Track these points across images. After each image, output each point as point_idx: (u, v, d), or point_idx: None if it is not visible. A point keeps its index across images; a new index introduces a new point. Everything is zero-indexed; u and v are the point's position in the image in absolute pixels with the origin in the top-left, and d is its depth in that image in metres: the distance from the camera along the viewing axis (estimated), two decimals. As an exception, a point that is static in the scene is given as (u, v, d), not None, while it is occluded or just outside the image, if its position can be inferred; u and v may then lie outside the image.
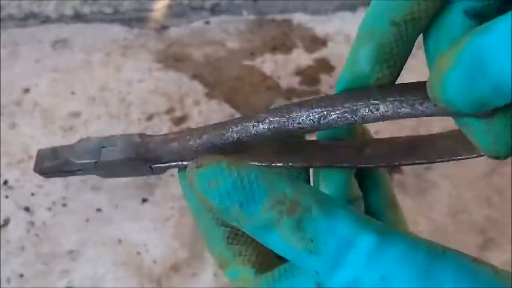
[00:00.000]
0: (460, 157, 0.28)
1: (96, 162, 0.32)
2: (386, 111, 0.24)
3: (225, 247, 0.28)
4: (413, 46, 0.26)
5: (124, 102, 0.69)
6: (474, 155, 0.27)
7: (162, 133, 0.28)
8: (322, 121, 0.24)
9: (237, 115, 0.68)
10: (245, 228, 0.23)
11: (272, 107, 0.27)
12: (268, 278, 0.26)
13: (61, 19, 0.78)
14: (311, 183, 0.31)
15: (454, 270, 0.20)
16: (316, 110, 0.24)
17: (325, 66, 0.73)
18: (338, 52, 0.74)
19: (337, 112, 0.24)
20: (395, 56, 0.26)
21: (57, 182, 0.61)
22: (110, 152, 0.32)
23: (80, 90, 0.70)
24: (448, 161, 0.29)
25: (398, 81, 0.27)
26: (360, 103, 0.24)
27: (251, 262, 0.28)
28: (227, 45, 0.76)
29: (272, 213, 0.22)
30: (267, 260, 0.28)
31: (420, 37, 0.27)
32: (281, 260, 0.26)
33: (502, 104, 0.20)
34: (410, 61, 0.27)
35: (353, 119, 0.24)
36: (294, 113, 0.25)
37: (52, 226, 0.58)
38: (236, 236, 0.29)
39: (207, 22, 0.79)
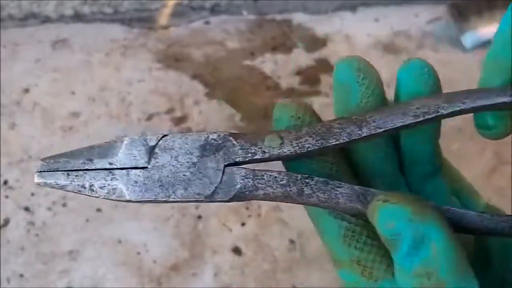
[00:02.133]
0: None
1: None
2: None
3: (341, 247, 0.26)
4: None
5: (124, 102, 0.69)
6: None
7: (161, 133, 0.26)
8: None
9: (237, 115, 0.68)
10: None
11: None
12: None
13: (61, 19, 0.78)
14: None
15: None
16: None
17: (325, 65, 0.73)
18: (338, 52, 0.74)
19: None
20: None
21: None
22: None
23: (80, 90, 0.70)
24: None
25: None
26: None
27: (373, 276, 0.25)
28: (227, 45, 0.76)
29: (417, 279, 0.21)
30: (390, 268, 0.25)
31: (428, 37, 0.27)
32: None
33: None
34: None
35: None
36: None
37: (52, 226, 0.58)
38: (353, 235, 0.26)
39: (207, 22, 0.79)
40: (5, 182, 0.61)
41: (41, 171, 0.26)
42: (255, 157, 0.27)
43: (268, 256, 0.56)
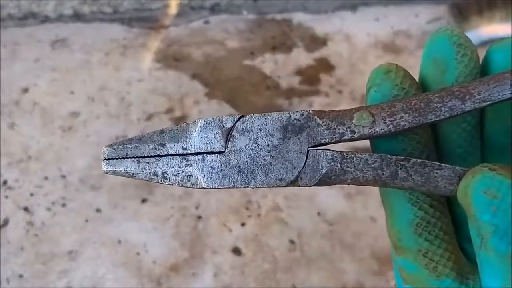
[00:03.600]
0: None
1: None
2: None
3: (412, 235, 0.24)
4: None
5: (123, 101, 0.69)
6: None
7: (238, 113, 0.24)
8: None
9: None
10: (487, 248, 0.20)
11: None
12: None
13: (61, 18, 0.78)
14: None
15: None
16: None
17: (325, 65, 0.73)
18: (338, 52, 0.74)
19: None
20: None
21: (56, 182, 0.61)
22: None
23: (80, 89, 0.70)
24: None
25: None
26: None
27: (437, 271, 0.24)
28: (227, 45, 0.76)
29: None
30: (457, 267, 0.24)
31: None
32: (473, 266, 0.23)
33: None
34: (409, 60, 0.27)
35: None
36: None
37: (52, 226, 0.58)
38: (427, 226, 0.24)
39: (206, 22, 0.79)
40: (5, 182, 0.61)
41: (108, 159, 0.24)
42: (343, 138, 0.24)
43: (268, 256, 0.56)
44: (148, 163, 0.24)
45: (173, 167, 0.24)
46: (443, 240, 0.24)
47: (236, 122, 0.24)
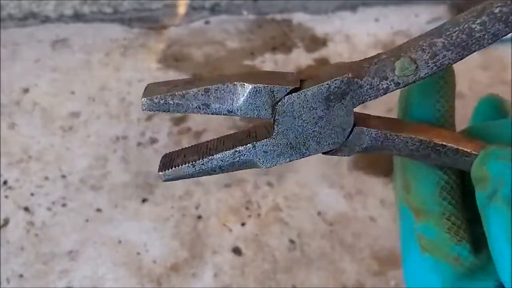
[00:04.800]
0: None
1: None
2: None
3: (436, 198, 0.25)
4: None
5: (124, 102, 0.69)
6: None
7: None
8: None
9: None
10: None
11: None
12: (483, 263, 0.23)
13: (61, 19, 0.78)
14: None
15: None
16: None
17: (325, 65, 0.73)
18: (338, 52, 0.74)
19: None
20: None
21: (57, 182, 0.61)
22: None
23: (80, 90, 0.70)
24: None
25: None
26: None
27: (458, 235, 0.24)
28: (227, 45, 0.76)
29: None
30: (473, 236, 0.24)
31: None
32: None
33: None
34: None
35: None
36: None
37: (52, 226, 0.58)
38: (451, 190, 0.25)
39: (207, 22, 0.79)
40: (5, 182, 0.61)
41: (146, 98, 0.24)
42: (388, 92, 0.23)
43: (268, 256, 0.56)
44: (203, 164, 0.24)
45: (227, 160, 0.24)
46: (464, 207, 0.24)
47: (286, 94, 0.23)
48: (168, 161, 0.26)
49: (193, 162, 0.25)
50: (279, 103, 0.23)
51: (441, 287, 0.24)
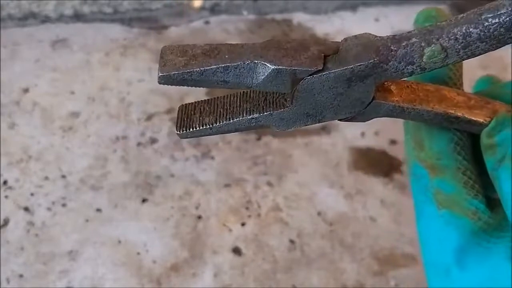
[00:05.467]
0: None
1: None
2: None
3: (451, 154, 0.25)
4: None
5: (123, 102, 0.69)
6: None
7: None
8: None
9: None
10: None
11: None
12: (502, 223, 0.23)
13: (61, 19, 0.78)
14: None
15: None
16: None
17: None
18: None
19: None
20: None
21: (57, 182, 0.61)
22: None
23: (80, 90, 0.70)
24: None
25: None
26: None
27: (474, 189, 0.24)
28: (227, 45, 0.76)
29: None
30: (488, 190, 0.24)
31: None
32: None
33: None
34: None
35: None
36: None
37: (52, 226, 0.58)
38: (464, 146, 0.25)
39: (207, 22, 0.79)
40: (5, 182, 0.61)
41: (163, 74, 0.24)
42: (413, 75, 0.23)
43: (268, 256, 0.56)
44: (220, 127, 0.24)
45: (244, 125, 0.24)
46: (479, 161, 0.24)
47: (309, 75, 0.22)
48: (185, 118, 0.25)
49: (211, 126, 0.24)
50: (300, 83, 0.23)
51: (457, 243, 0.23)
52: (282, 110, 0.24)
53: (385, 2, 0.80)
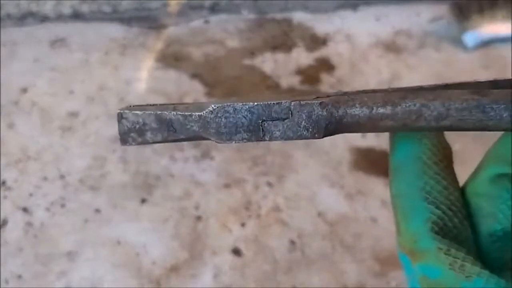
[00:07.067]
0: None
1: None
2: None
3: (426, 234, 0.22)
4: None
5: (123, 101, 0.68)
6: None
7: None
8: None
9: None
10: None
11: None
12: None
13: (60, 18, 0.78)
14: None
15: None
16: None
17: (325, 65, 0.73)
18: (339, 51, 0.74)
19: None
20: None
21: (56, 182, 0.61)
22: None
23: (79, 89, 0.70)
24: None
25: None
26: None
27: (465, 270, 0.21)
28: (226, 44, 0.75)
29: None
30: (483, 268, 0.21)
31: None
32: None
33: None
34: (410, 59, 0.27)
35: None
36: None
37: (50, 227, 0.58)
38: (444, 227, 0.22)
39: (206, 21, 0.79)
40: (3, 183, 0.60)
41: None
42: None
43: (268, 257, 0.56)
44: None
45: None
46: (465, 238, 0.22)
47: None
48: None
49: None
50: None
51: None
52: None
53: (386, 1, 0.80)
